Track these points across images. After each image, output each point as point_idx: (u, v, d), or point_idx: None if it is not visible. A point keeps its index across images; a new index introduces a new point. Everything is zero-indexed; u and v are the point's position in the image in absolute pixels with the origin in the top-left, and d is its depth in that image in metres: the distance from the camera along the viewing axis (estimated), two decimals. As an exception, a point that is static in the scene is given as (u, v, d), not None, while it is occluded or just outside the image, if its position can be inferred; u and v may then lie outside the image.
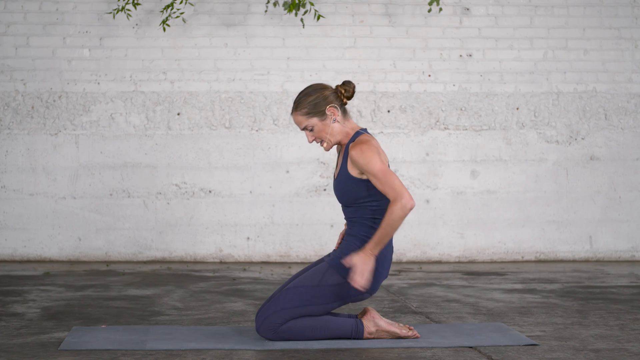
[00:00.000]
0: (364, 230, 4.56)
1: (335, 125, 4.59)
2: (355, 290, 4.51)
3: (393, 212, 4.40)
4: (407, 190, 4.41)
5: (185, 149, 8.16)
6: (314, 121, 4.58)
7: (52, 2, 8.13)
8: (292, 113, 4.61)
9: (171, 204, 8.14)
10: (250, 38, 8.20)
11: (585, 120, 8.42)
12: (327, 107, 4.57)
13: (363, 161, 4.46)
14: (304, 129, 4.60)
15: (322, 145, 4.64)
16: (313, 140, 4.63)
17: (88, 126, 8.11)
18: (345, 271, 4.51)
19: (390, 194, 4.44)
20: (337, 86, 4.63)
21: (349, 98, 4.62)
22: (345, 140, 4.61)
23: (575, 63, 8.41)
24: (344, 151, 4.60)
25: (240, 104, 8.18)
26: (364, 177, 4.51)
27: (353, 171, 4.53)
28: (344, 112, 4.63)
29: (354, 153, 4.49)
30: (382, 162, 4.47)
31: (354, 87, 4.63)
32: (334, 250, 4.63)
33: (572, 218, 8.38)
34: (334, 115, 4.58)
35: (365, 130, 4.64)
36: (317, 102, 4.58)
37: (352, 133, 4.62)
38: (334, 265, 4.54)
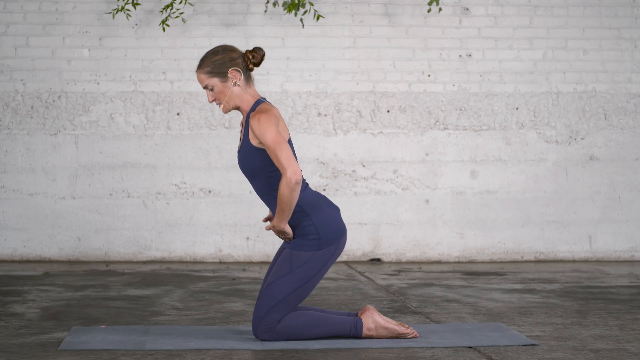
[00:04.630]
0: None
1: (235, 89, 4.56)
2: (325, 254, 4.52)
3: (280, 188, 4.40)
4: (294, 163, 4.37)
5: (184, 149, 8.16)
6: (215, 81, 4.55)
7: (51, 2, 8.12)
8: (196, 70, 4.58)
9: (171, 204, 8.14)
10: (249, 38, 8.20)
11: (584, 120, 8.42)
12: (230, 69, 4.53)
13: (259, 131, 4.43)
14: (205, 87, 4.57)
15: (220, 107, 4.61)
16: (213, 101, 4.59)
17: (87, 126, 8.11)
18: (309, 247, 4.52)
19: (279, 167, 4.42)
20: (246, 51, 4.59)
21: (256, 65, 4.59)
22: (246, 107, 4.58)
23: (574, 63, 8.41)
24: (246, 121, 4.58)
25: (239, 104, 8.17)
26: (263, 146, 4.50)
27: (254, 140, 4.50)
28: (248, 78, 4.59)
29: (253, 122, 4.46)
30: (277, 133, 4.42)
31: (263, 54, 4.59)
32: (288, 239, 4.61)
33: (572, 218, 8.38)
34: (235, 78, 4.54)
35: (264, 99, 4.61)
36: (221, 62, 4.54)
37: (252, 101, 4.58)
38: (296, 246, 4.54)
